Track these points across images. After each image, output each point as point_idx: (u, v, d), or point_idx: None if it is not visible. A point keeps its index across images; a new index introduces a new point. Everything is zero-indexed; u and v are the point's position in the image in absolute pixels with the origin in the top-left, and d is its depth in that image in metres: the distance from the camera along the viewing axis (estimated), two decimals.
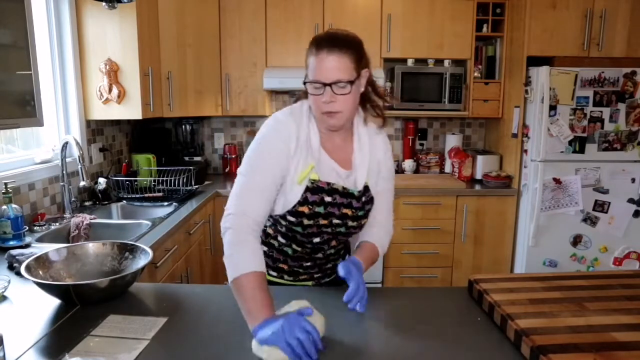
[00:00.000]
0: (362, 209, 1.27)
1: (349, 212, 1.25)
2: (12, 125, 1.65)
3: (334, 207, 1.23)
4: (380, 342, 1.01)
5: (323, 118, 1.18)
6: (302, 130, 1.21)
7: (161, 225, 2.09)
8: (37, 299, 1.22)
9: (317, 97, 1.15)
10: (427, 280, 3.19)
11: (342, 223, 1.25)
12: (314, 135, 1.22)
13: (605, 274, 1.31)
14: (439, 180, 3.28)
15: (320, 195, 1.21)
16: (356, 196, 1.25)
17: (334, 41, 1.13)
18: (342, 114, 1.17)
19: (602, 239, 3.02)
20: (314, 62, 1.14)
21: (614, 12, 2.92)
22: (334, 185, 1.23)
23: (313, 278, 1.40)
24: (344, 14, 3.16)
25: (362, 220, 1.29)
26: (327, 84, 1.12)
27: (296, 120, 1.22)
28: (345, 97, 1.14)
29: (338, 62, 1.12)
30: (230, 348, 0.99)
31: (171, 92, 2.91)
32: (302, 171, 1.19)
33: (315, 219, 1.22)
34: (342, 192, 1.23)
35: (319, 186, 1.21)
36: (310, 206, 1.20)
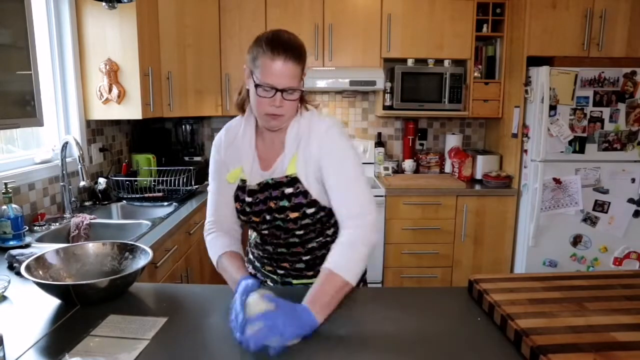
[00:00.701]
0: (286, 199, 1.25)
1: (272, 205, 1.27)
2: (12, 125, 1.65)
3: (259, 205, 1.29)
4: (380, 342, 1.01)
5: (266, 119, 1.21)
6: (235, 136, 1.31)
7: (161, 225, 2.09)
8: (37, 299, 1.22)
9: (265, 99, 1.16)
10: (427, 280, 3.19)
11: (272, 217, 1.29)
12: (249, 139, 1.29)
13: (605, 274, 1.31)
14: (439, 180, 3.28)
15: (243, 194, 1.30)
16: (271, 184, 1.27)
17: (291, 49, 1.15)
18: (285, 117, 1.21)
19: (602, 239, 3.02)
20: (267, 66, 1.14)
21: (614, 12, 2.93)
22: (250, 187, 1.29)
23: (276, 273, 1.43)
24: (344, 14, 3.16)
25: (291, 214, 1.25)
26: (279, 90, 1.15)
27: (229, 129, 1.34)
28: (291, 102, 1.19)
29: (293, 70, 1.15)
30: (231, 348, 0.99)
31: (171, 92, 2.91)
32: (232, 170, 1.31)
33: (247, 215, 1.31)
34: (259, 189, 1.28)
35: (245, 186, 1.30)
36: (240, 203, 1.31)
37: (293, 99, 1.18)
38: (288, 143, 1.26)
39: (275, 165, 1.28)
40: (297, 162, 1.25)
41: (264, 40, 1.15)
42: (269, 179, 1.28)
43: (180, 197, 2.64)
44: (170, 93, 2.91)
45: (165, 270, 2.01)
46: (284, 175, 1.26)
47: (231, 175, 1.31)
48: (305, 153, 1.25)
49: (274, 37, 1.16)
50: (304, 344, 0.99)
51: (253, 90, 1.18)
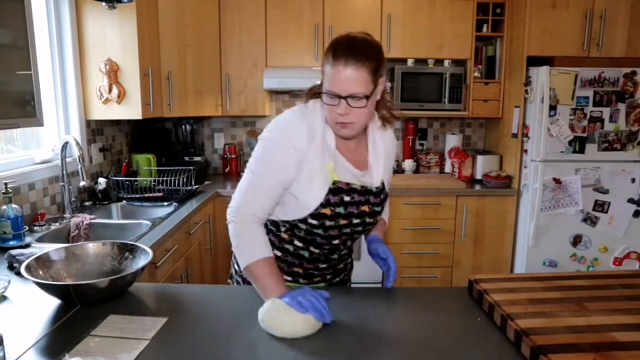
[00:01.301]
0: (379, 204, 1.30)
1: (367, 209, 1.26)
2: (12, 125, 1.65)
3: (353, 206, 1.23)
4: (380, 342, 1.01)
5: (336, 127, 1.17)
6: (316, 132, 1.18)
7: (161, 225, 2.09)
8: (37, 299, 1.22)
9: (332, 107, 1.13)
10: (427, 280, 3.19)
11: (360, 221, 1.27)
12: (330, 135, 1.21)
13: (605, 274, 1.31)
14: (439, 180, 3.28)
15: (340, 195, 1.21)
16: (374, 192, 1.27)
17: (353, 51, 1.08)
18: (355, 124, 1.15)
19: (602, 239, 3.02)
20: (330, 72, 1.10)
21: (614, 12, 2.93)
22: (353, 185, 1.23)
23: (325, 279, 1.39)
24: (344, 14, 3.16)
25: (378, 216, 1.34)
26: (343, 97, 1.10)
27: (308, 121, 1.19)
28: (360, 110, 1.12)
29: (356, 75, 1.08)
30: (231, 348, 0.99)
31: (171, 92, 2.91)
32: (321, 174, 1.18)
33: (336, 220, 1.22)
34: (360, 190, 1.25)
35: (339, 187, 1.20)
36: (332, 208, 1.20)
37: (360, 106, 1.11)
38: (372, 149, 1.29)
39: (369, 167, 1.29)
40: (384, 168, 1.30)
41: (331, 44, 1.13)
42: (372, 187, 1.27)
43: (180, 197, 2.64)
44: (170, 93, 2.91)
45: (165, 270, 2.01)
46: (380, 182, 1.29)
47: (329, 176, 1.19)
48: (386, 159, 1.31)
49: (338, 39, 1.13)
50: (304, 344, 0.99)
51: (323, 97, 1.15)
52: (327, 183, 1.19)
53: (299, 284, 1.36)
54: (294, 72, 3.09)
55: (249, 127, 3.61)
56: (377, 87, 1.15)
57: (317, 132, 1.18)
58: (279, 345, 0.99)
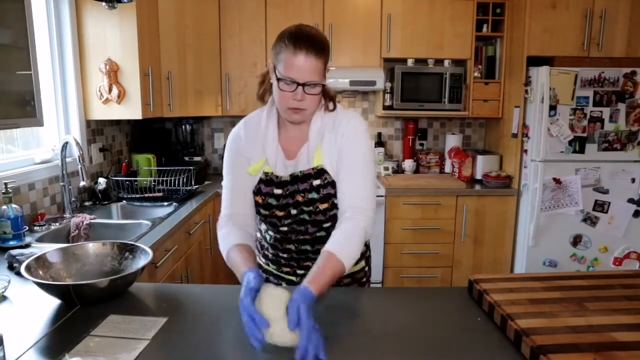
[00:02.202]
0: (312, 190, 1.26)
1: (300, 198, 1.27)
2: (12, 125, 1.65)
3: (287, 198, 1.28)
4: (380, 342, 1.01)
5: (288, 112, 1.22)
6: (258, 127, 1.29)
7: (161, 225, 2.09)
8: (37, 299, 1.22)
9: (287, 93, 1.18)
10: (427, 280, 3.19)
11: (299, 211, 1.28)
12: (272, 130, 1.28)
13: (605, 274, 1.31)
14: (439, 180, 3.28)
15: (271, 187, 1.28)
16: (300, 177, 1.27)
17: (313, 43, 1.15)
18: (307, 111, 1.21)
19: (602, 239, 3.02)
20: (289, 60, 1.15)
21: (614, 12, 2.93)
22: (283, 178, 1.28)
23: (296, 274, 1.41)
24: (344, 14, 3.16)
25: (320, 205, 1.26)
26: (301, 84, 1.16)
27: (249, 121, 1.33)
28: (313, 97, 1.19)
29: (314, 64, 1.15)
30: (230, 348, 0.99)
31: (171, 92, 2.91)
32: (255, 163, 1.29)
33: (270, 210, 1.29)
34: (290, 180, 1.28)
35: (271, 179, 1.28)
36: (263, 197, 1.29)
37: (315, 93, 1.19)
38: (312, 134, 1.27)
39: (300, 154, 1.28)
40: (322, 153, 1.27)
41: (287, 34, 1.17)
42: (297, 172, 1.27)
43: (180, 197, 2.63)
44: (170, 93, 2.91)
45: (165, 270, 2.01)
46: (311, 167, 1.27)
47: (254, 167, 1.29)
48: (330, 144, 1.27)
49: (296, 31, 1.18)
50: None
51: (275, 84, 1.20)
52: (260, 172, 1.29)
53: (270, 267, 1.46)
54: None
55: None
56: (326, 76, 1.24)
57: (260, 126, 1.29)
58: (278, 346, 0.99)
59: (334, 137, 1.27)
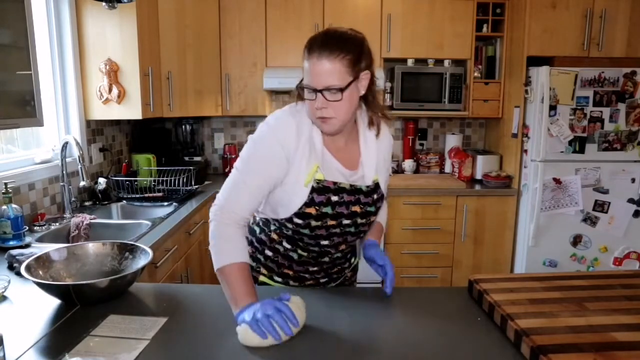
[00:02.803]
0: (372, 205, 1.26)
1: (358, 209, 1.23)
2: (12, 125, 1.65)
3: (342, 207, 1.20)
4: (380, 342, 1.01)
5: (317, 123, 1.16)
6: (303, 130, 1.17)
7: (161, 225, 2.09)
8: (37, 299, 1.22)
9: (311, 102, 1.11)
10: (427, 280, 3.19)
11: (351, 222, 1.23)
12: (317, 135, 1.19)
13: (605, 274, 1.31)
14: (439, 180, 3.28)
15: (327, 195, 1.18)
16: (364, 192, 1.23)
17: (327, 44, 1.08)
18: (335, 119, 1.12)
19: (602, 239, 3.01)
20: (307, 66, 1.10)
21: (614, 12, 2.92)
22: (341, 184, 1.20)
23: (319, 283, 1.37)
24: (344, 14, 3.16)
25: (372, 217, 1.29)
26: (318, 90, 1.09)
27: (297, 120, 1.17)
28: (337, 103, 1.09)
29: (329, 67, 1.07)
30: (230, 348, 0.99)
31: (171, 92, 2.91)
32: (306, 172, 1.16)
33: (323, 220, 1.19)
34: (350, 189, 1.21)
35: (325, 186, 1.18)
36: (317, 207, 1.17)
37: (336, 99, 1.09)
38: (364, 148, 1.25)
39: (360, 166, 1.25)
40: (378, 168, 1.26)
41: (308, 40, 1.12)
42: (362, 186, 1.23)
43: (180, 197, 2.63)
44: (170, 93, 2.91)
45: (165, 270, 2.01)
46: (372, 181, 1.25)
47: (309, 176, 1.16)
48: (380, 157, 1.27)
49: (315, 35, 1.13)
50: (303, 344, 0.99)
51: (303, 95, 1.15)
52: (311, 181, 1.16)
53: (289, 285, 1.34)
54: (293, 72, 3.04)
55: (249, 127, 3.61)
56: (356, 81, 1.12)
57: (305, 130, 1.17)
58: (278, 346, 0.99)
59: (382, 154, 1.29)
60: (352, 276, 1.50)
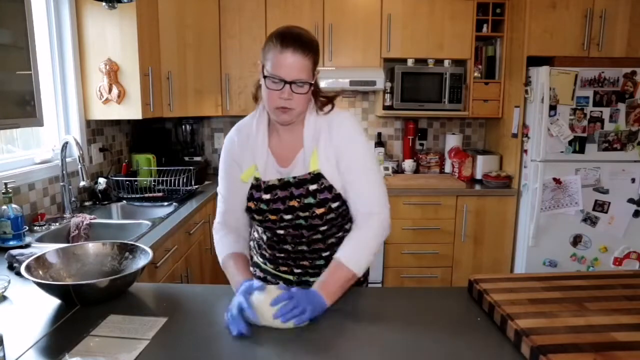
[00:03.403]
0: (309, 196, 1.24)
1: (295, 204, 1.26)
2: (12, 125, 1.65)
3: (277, 203, 1.27)
4: (380, 342, 1.01)
5: (276, 112, 1.21)
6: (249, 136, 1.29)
7: (161, 225, 2.09)
8: (37, 299, 1.22)
9: (275, 91, 1.18)
10: (427, 280, 3.19)
11: (294, 216, 1.27)
12: (262, 136, 1.28)
13: (605, 274, 1.31)
14: (439, 180, 3.28)
15: (260, 193, 1.28)
16: (293, 183, 1.26)
17: (300, 42, 1.16)
18: (295, 110, 1.20)
19: (602, 239, 3.02)
20: (276, 58, 1.16)
21: (614, 12, 2.93)
22: (270, 182, 1.28)
23: (293, 272, 1.41)
24: (344, 14, 3.16)
25: (317, 210, 1.25)
26: (288, 82, 1.16)
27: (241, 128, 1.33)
28: (301, 95, 1.18)
29: (301, 63, 1.16)
30: (230, 348, 0.99)
31: (171, 92, 2.91)
32: (246, 169, 1.29)
33: (263, 215, 1.29)
34: (280, 184, 1.27)
35: (259, 185, 1.29)
36: (255, 202, 1.29)
37: (302, 92, 1.18)
38: (306, 139, 1.26)
39: (295, 161, 1.27)
40: (318, 158, 1.25)
41: (275, 34, 1.19)
42: (289, 178, 1.26)
43: (180, 197, 2.63)
44: (170, 93, 2.91)
45: (165, 270, 2.01)
46: (307, 172, 1.26)
47: (245, 174, 1.29)
48: (326, 147, 1.25)
49: (284, 30, 1.19)
50: (303, 343, 1.00)
51: (264, 83, 1.20)
52: (251, 178, 1.29)
53: (267, 266, 1.45)
54: None
55: None
56: (315, 77, 1.24)
57: (251, 132, 1.29)
58: (279, 345, 0.99)
59: (329, 139, 1.25)
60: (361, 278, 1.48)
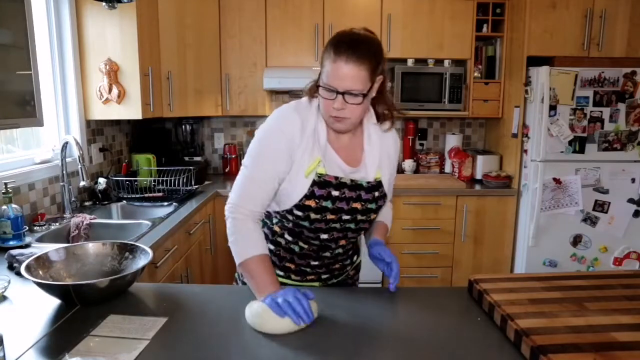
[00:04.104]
0: (373, 202, 1.28)
1: (358, 206, 1.25)
2: (12, 125, 1.65)
3: (342, 202, 1.23)
4: (380, 342, 1.01)
5: (330, 121, 1.19)
6: (308, 124, 1.21)
7: (161, 225, 2.09)
8: (37, 299, 1.22)
9: (328, 101, 1.15)
10: (427, 280, 3.19)
11: (351, 218, 1.26)
12: (322, 129, 1.22)
13: (605, 274, 1.31)
14: (439, 180, 3.28)
15: (328, 189, 1.21)
16: (365, 188, 1.26)
17: (355, 49, 1.10)
18: (349, 120, 1.17)
19: (602, 239, 3.02)
20: (330, 66, 1.12)
21: (614, 12, 2.93)
22: (342, 179, 1.23)
23: (320, 279, 1.38)
24: (344, 14, 3.16)
25: (372, 215, 1.31)
26: (340, 92, 1.12)
27: (301, 114, 1.21)
28: (355, 106, 1.14)
29: (355, 72, 1.10)
30: (230, 348, 0.99)
31: (171, 92, 2.91)
32: (308, 164, 1.20)
33: (323, 214, 1.22)
34: (351, 185, 1.24)
35: (327, 180, 1.21)
36: (317, 200, 1.20)
37: (356, 102, 1.14)
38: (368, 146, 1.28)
39: (363, 164, 1.28)
40: (382, 168, 1.29)
41: (331, 40, 1.15)
42: (363, 182, 1.26)
43: (180, 197, 2.63)
44: (170, 93, 2.91)
45: (165, 270, 2.01)
46: (374, 179, 1.28)
47: (310, 168, 1.20)
48: (383, 156, 1.29)
49: (341, 36, 1.15)
50: (303, 344, 1.00)
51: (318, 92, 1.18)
52: (312, 174, 1.20)
53: (291, 279, 1.36)
54: (293, 72, 3.09)
55: (249, 127, 3.61)
56: (374, 85, 1.17)
57: (309, 125, 1.21)
58: (279, 345, 0.99)
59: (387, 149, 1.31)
60: (354, 275, 1.50)
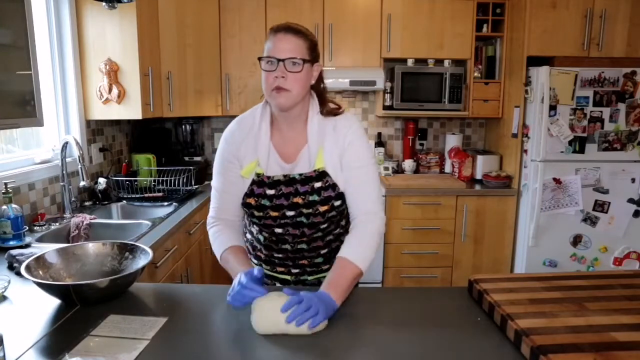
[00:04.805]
0: (314, 193, 1.26)
1: (299, 200, 1.26)
2: (12, 125, 1.65)
3: (281, 199, 1.27)
4: (380, 342, 1.01)
5: (272, 95, 1.23)
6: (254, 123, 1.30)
7: (161, 225, 2.09)
8: (37, 299, 1.22)
9: (269, 73, 1.21)
10: (427, 280, 3.19)
11: (297, 213, 1.28)
12: (265, 130, 1.29)
13: (605, 274, 1.31)
14: (439, 180, 3.28)
15: (263, 188, 1.28)
16: (299, 180, 1.27)
17: (292, 27, 1.21)
18: (290, 93, 1.21)
19: (602, 239, 3.02)
20: (270, 43, 1.21)
21: (614, 12, 2.92)
22: (275, 178, 1.27)
23: (290, 272, 1.41)
24: (344, 14, 3.16)
25: (320, 207, 1.27)
26: (281, 59, 1.18)
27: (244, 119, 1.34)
28: (296, 75, 1.19)
29: (294, 42, 1.19)
30: (230, 348, 0.99)
31: (171, 92, 2.91)
32: (247, 165, 1.29)
33: (264, 211, 1.29)
34: (285, 180, 1.27)
35: (262, 180, 1.28)
36: (255, 198, 1.28)
37: (296, 70, 1.19)
38: (311, 137, 1.27)
39: (299, 158, 1.28)
40: (324, 156, 1.27)
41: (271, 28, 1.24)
42: (295, 175, 1.27)
43: (180, 197, 2.63)
44: (170, 93, 2.91)
45: (165, 270, 2.01)
46: (312, 169, 1.27)
47: (246, 169, 1.29)
48: (332, 147, 1.27)
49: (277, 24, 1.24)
50: (303, 344, 1.00)
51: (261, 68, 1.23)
52: (252, 174, 1.28)
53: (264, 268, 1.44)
54: None
55: None
56: (312, 65, 1.24)
57: (254, 123, 1.30)
58: (279, 345, 0.99)
59: (334, 140, 1.27)
60: None
